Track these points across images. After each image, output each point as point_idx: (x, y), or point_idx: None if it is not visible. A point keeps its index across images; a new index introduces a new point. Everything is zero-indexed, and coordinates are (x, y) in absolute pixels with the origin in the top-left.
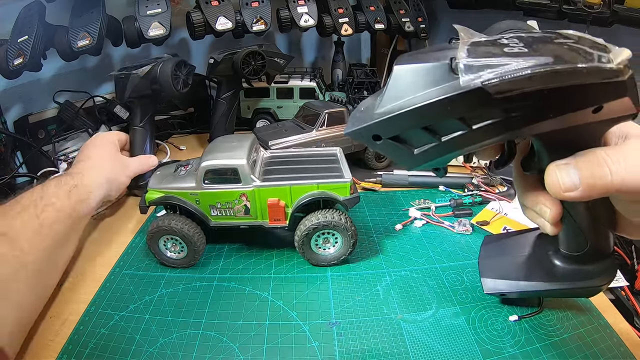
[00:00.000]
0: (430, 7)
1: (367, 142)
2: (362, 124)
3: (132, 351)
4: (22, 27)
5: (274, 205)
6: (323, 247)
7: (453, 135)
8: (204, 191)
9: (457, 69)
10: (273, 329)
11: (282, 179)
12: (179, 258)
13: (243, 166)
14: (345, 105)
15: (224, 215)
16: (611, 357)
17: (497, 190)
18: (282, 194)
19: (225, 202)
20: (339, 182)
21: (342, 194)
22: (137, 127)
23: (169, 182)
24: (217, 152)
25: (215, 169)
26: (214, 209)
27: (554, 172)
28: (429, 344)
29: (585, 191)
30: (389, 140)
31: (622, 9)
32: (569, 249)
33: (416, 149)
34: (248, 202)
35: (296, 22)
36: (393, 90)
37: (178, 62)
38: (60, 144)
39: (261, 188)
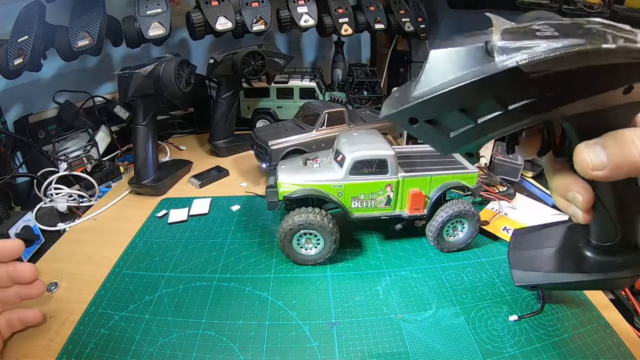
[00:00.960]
0: (430, 7)
1: (403, 125)
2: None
3: (132, 351)
4: (22, 27)
5: (416, 195)
6: (452, 235)
7: (489, 117)
8: (349, 183)
9: (493, 51)
10: (273, 329)
11: (420, 170)
12: (314, 254)
13: (392, 157)
14: (345, 105)
15: (365, 207)
16: (611, 357)
17: (497, 190)
18: (423, 184)
19: (370, 193)
20: (468, 172)
21: (470, 182)
22: (140, 126)
23: (305, 175)
24: (358, 144)
25: (365, 159)
26: (356, 200)
27: (582, 151)
28: (429, 344)
29: (613, 170)
30: (426, 123)
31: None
32: (599, 239)
33: (452, 131)
34: (392, 193)
35: (296, 22)
36: (429, 74)
37: (180, 61)
38: (60, 144)
39: (406, 178)
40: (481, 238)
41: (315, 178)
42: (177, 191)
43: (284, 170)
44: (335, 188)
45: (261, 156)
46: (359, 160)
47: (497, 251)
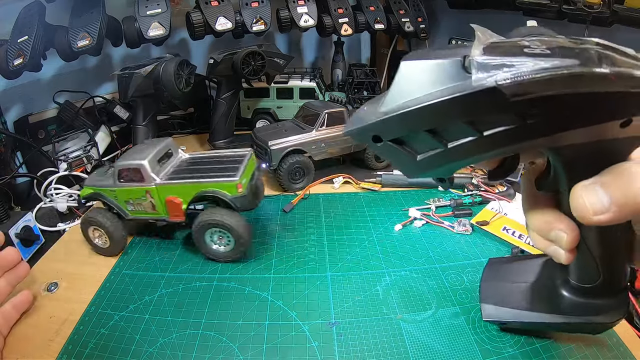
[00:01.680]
0: (430, 7)
1: (367, 143)
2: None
3: (132, 351)
4: (22, 27)
5: (170, 202)
6: (217, 244)
7: (461, 142)
8: (119, 188)
9: (470, 67)
10: (273, 329)
11: (183, 177)
12: (104, 247)
13: (144, 165)
14: (345, 105)
15: (138, 210)
16: (611, 357)
17: (497, 190)
18: (180, 191)
19: (136, 198)
20: (226, 180)
21: (229, 191)
22: (140, 126)
23: (98, 180)
24: (131, 153)
25: (124, 168)
26: (129, 204)
27: (581, 193)
28: (429, 344)
29: (617, 213)
30: (390, 143)
31: (622, 9)
32: (579, 280)
33: (419, 154)
34: (152, 199)
35: (296, 22)
36: (398, 87)
37: (180, 61)
38: (60, 144)
39: (161, 186)
40: (481, 238)
41: (101, 183)
42: None
43: (93, 174)
44: (112, 192)
45: (261, 156)
46: (121, 168)
47: (497, 251)
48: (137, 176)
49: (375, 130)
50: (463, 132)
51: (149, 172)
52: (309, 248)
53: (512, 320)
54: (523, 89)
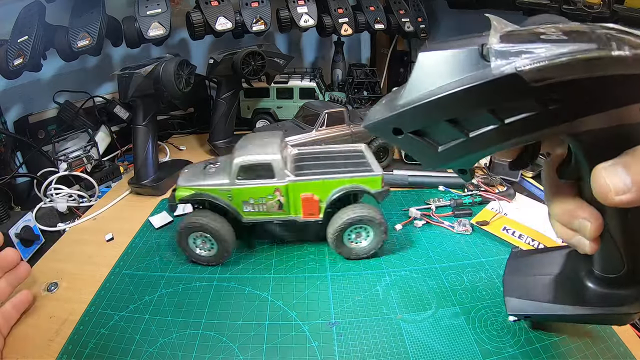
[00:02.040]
0: (430, 7)
1: (387, 136)
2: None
3: (132, 351)
4: (22, 27)
5: (307, 200)
6: (355, 241)
7: (482, 131)
8: (236, 187)
9: (489, 55)
10: (273, 329)
11: (315, 173)
12: (209, 255)
13: (277, 161)
14: (345, 105)
15: (257, 211)
16: (611, 357)
17: (497, 190)
18: (316, 188)
19: (259, 197)
20: (370, 175)
21: (373, 187)
22: (140, 126)
23: (200, 180)
24: (249, 148)
25: (249, 164)
26: (247, 205)
27: (602, 174)
28: (429, 344)
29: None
30: (411, 135)
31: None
32: (603, 271)
33: (441, 145)
34: (282, 197)
35: (296, 22)
36: (417, 79)
37: (180, 61)
38: (60, 144)
39: (295, 183)
40: (481, 238)
41: (206, 182)
42: None
43: (185, 174)
44: (224, 192)
45: None
46: (244, 165)
47: (497, 251)
48: (266, 173)
49: (395, 122)
50: (484, 120)
51: (282, 169)
52: (309, 248)
53: (536, 314)
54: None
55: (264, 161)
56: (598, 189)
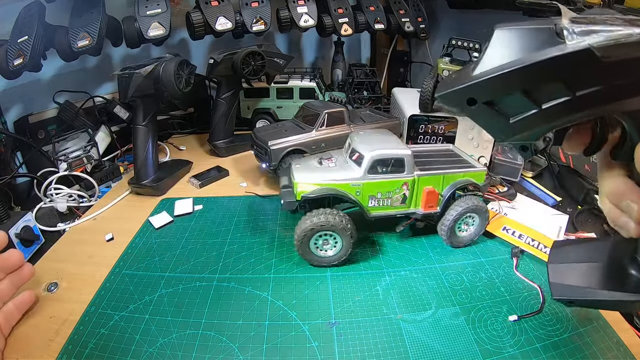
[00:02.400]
0: (430, 7)
1: (459, 106)
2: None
3: (132, 351)
4: (22, 27)
5: (431, 193)
6: (463, 230)
7: (555, 102)
8: (368, 181)
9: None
10: (272, 329)
11: (432, 169)
12: (331, 256)
13: (409, 156)
14: (345, 106)
15: (381, 206)
16: (611, 357)
17: (497, 191)
18: (437, 182)
19: (387, 191)
20: (477, 170)
21: (479, 180)
22: (140, 126)
23: (322, 175)
24: (375, 143)
25: (383, 158)
26: (373, 199)
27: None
28: (429, 343)
29: None
30: (485, 106)
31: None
32: None
33: (512, 117)
34: (407, 191)
35: (296, 22)
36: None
37: (180, 61)
38: (60, 144)
39: (421, 177)
40: (481, 238)
41: (333, 177)
42: (177, 191)
43: (300, 169)
44: (353, 187)
45: (261, 156)
46: (378, 159)
47: (496, 251)
48: (396, 167)
49: (471, 92)
50: (557, 92)
51: (412, 163)
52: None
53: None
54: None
55: (398, 155)
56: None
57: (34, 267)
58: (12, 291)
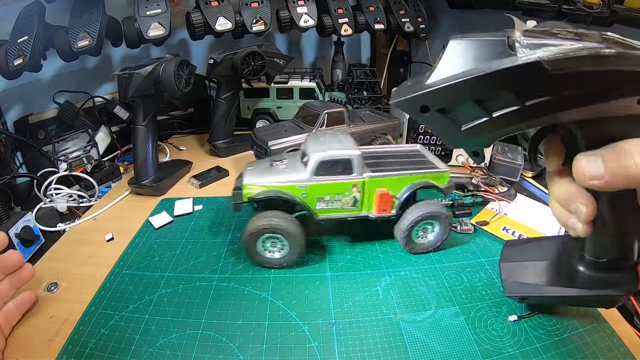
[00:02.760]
0: (430, 7)
1: (413, 113)
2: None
3: (132, 351)
4: (22, 28)
5: (383, 195)
6: (422, 237)
7: (505, 111)
8: (314, 183)
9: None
10: (272, 329)
11: (387, 170)
12: (279, 258)
13: (358, 157)
14: (345, 106)
15: (331, 208)
16: (611, 357)
17: (497, 191)
18: (391, 184)
19: (336, 194)
20: (439, 171)
21: (441, 182)
22: (140, 126)
23: (270, 177)
24: (324, 145)
25: (330, 160)
26: (322, 201)
27: (581, 159)
28: (429, 344)
29: (609, 181)
30: (438, 113)
31: (621, 9)
32: (594, 255)
33: (464, 124)
34: (358, 194)
35: (296, 22)
36: (446, 63)
37: (180, 61)
38: (60, 144)
39: (372, 179)
40: (481, 238)
41: (279, 179)
42: (177, 191)
43: (250, 172)
44: (300, 189)
45: (261, 156)
46: (324, 161)
47: (496, 251)
48: (344, 169)
49: (424, 100)
50: (507, 102)
51: (361, 164)
52: (309, 248)
53: (532, 295)
54: (562, 64)
55: (345, 156)
56: (576, 170)
57: (34, 268)
58: (12, 291)
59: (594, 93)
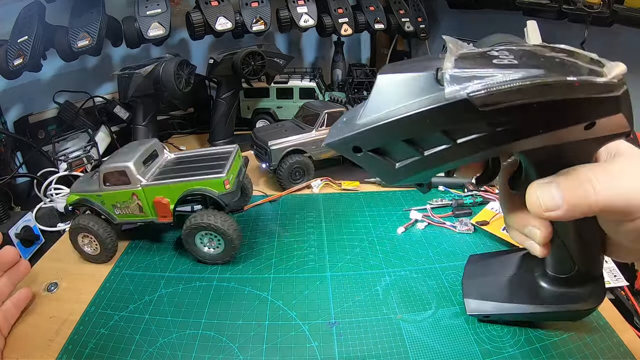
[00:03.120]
0: (430, 7)
1: (347, 153)
2: (342, 135)
3: (132, 351)
4: (22, 28)
5: (158, 203)
6: (210, 247)
7: (436, 150)
8: (105, 192)
9: (443, 80)
10: (272, 329)
11: (169, 177)
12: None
13: (129, 168)
14: (345, 105)
15: (125, 214)
16: (611, 357)
17: (497, 191)
18: (167, 192)
19: (123, 201)
20: (213, 177)
21: (218, 189)
22: (140, 126)
23: (84, 186)
24: (115, 156)
25: (109, 171)
26: (116, 208)
27: (535, 190)
28: (429, 344)
29: (568, 211)
30: (370, 153)
31: (622, 8)
32: (556, 271)
33: (398, 162)
34: (139, 201)
35: (296, 22)
36: (376, 100)
37: (180, 61)
38: (60, 144)
39: (147, 187)
40: (481, 238)
41: (87, 188)
42: None
43: (78, 180)
44: (98, 197)
45: (261, 156)
46: (106, 173)
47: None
48: (122, 179)
49: (355, 141)
50: (438, 140)
51: (135, 174)
52: (309, 248)
53: (494, 313)
54: (492, 99)
55: (120, 168)
56: (530, 203)
57: (29, 263)
58: (10, 289)
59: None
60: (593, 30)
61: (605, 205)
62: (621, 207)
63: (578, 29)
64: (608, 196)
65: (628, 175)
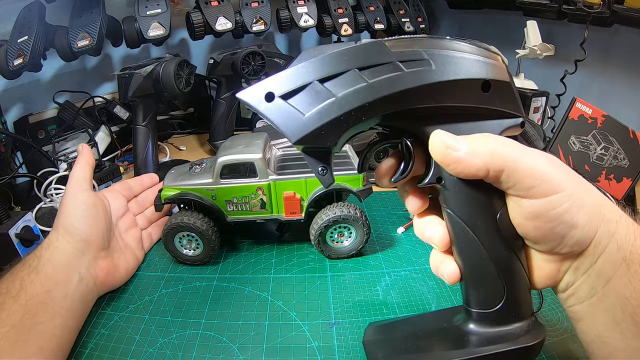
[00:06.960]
0: (430, 7)
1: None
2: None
3: (132, 351)
4: (22, 28)
5: (289, 198)
6: (338, 241)
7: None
8: (220, 186)
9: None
10: (273, 329)
11: (297, 172)
12: (195, 255)
13: (259, 160)
14: None
15: (240, 210)
16: None
17: None
18: (298, 187)
19: (242, 196)
20: (352, 173)
21: (355, 185)
22: (140, 127)
23: (185, 179)
24: (232, 148)
25: (232, 164)
26: (230, 204)
27: (439, 134)
28: None
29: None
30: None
31: (622, 9)
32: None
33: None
34: (264, 196)
35: (296, 22)
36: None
37: (180, 61)
38: (60, 144)
39: (277, 181)
40: None
41: (191, 182)
42: None
43: (171, 174)
44: (208, 192)
45: None
46: (226, 165)
47: None
48: (248, 172)
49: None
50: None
51: (264, 168)
52: (309, 248)
53: None
54: None
55: (247, 160)
56: (433, 144)
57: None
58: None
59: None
60: (593, 30)
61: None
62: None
63: (578, 29)
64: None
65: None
